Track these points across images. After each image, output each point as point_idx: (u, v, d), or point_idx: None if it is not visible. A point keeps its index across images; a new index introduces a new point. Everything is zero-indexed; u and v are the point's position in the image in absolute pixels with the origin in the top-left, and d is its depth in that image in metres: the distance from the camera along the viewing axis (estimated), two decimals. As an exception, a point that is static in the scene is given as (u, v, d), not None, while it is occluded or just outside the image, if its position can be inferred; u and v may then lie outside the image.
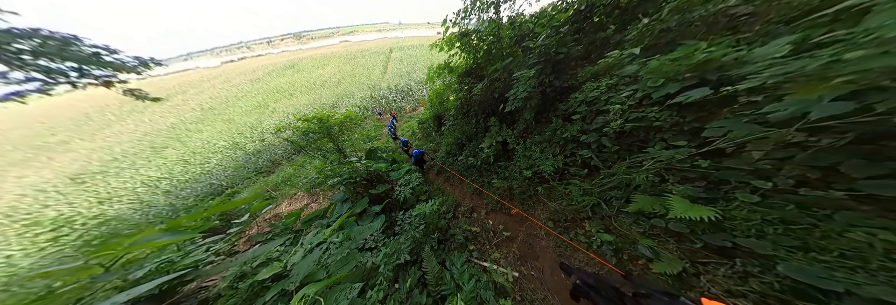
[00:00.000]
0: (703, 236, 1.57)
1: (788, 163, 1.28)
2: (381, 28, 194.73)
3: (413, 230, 3.08)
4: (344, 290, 1.77)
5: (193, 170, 12.98)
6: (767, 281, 1.30)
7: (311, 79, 29.94)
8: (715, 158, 1.58)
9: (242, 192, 9.53)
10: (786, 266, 1.24)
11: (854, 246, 1.10)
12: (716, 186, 1.58)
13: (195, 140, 17.85)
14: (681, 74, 1.59)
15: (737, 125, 1.34)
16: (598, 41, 2.74)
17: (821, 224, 1.20)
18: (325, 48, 64.84)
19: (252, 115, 21.11)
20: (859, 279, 1.06)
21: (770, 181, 1.32)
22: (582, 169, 2.47)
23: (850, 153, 1.11)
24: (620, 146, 2.16)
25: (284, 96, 25.38)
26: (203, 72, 55.28)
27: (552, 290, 2.23)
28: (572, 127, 2.51)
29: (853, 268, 1.09)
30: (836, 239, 1.15)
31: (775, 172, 1.33)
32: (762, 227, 1.36)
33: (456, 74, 4.50)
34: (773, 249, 1.31)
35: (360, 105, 16.91)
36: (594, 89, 2.28)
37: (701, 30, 1.88)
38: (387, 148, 7.40)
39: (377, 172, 4.66)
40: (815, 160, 1.20)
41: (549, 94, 2.85)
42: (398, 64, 29.78)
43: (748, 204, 1.41)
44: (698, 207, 1.57)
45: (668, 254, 1.77)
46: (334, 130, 5.84)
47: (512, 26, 3.37)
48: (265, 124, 17.94)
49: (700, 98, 1.47)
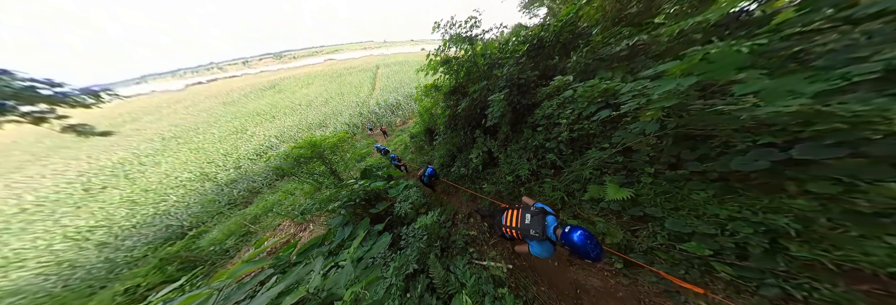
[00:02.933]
0: (628, 210, 2.40)
1: (663, 155, 2.15)
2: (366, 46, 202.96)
3: (417, 241, 3.45)
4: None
5: (144, 212, 11.49)
6: (662, 234, 2.11)
7: (295, 99, 30.21)
8: (626, 154, 2.45)
9: (212, 231, 8.49)
10: (669, 223, 2.07)
11: (694, 203, 1.95)
12: (630, 173, 2.44)
13: (151, 174, 16.52)
14: (595, 99, 2.50)
15: (625, 134, 2.22)
16: (549, 67, 3.73)
17: (680, 191, 2.05)
18: (308, 67, 65.90)
19: (227, 142, 20.53)
20: (697, 223, 1.89)
21: (652, 167, 2.19)
22: (550, 169, 3.32)
23: (680, 147, 1.99)
24: (573, 149, 3.04)
25: (265, 119, 24.95)
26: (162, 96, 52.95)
27: (541, 275, 2.95)
28: (538, 136, 3.40)
29: (697, 216, 1.92)
30: (687, 200, 1.99)
31: (656, 161, 2.20)
32: (655, 199, 2.20)
33: (443, 93, 5.46)
34: (662, 212, 2.14)
35: (349, 122, 17.73)
36: (549, 107, 3.19)
37: (609, 63, 2.85)
38: (380, 164, 8.04)
39: (375, 191, 4.93)
40: (671, 152, 2.07)
41: (519, 110, 3.78)
42: (386, 80, 31.21)
43: (647, 184, 2.26)
44: (622, 190, 2.41)
45: (614, 228, 2.58)
46: (327, 153, 5.93)
47: (483, 55, 4.37)
48: (242, 150, 17.48)
49: (606, 116, 2.36)
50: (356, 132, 16.77)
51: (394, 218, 4.36)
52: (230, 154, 17.36)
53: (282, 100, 30.83)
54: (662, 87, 1.71)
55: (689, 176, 2.00)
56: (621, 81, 2.26)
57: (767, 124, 1.54)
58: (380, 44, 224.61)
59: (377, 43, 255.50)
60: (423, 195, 5.60)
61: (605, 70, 2.81)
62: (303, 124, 20.43)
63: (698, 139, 1.93)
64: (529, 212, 1.55)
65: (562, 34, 3.60)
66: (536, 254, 1.45)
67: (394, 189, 5.32)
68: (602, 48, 2.87)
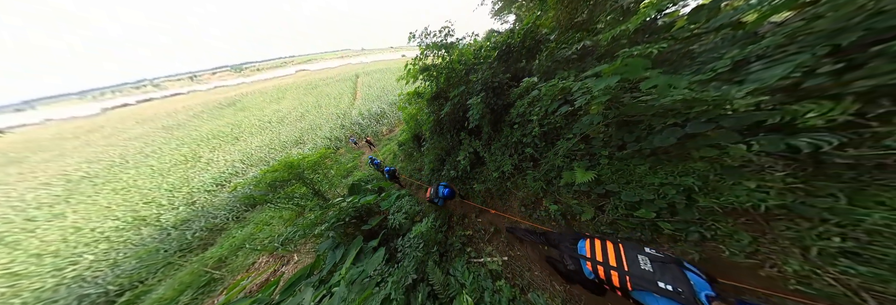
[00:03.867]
0: (595, 190, 3.05)
1: (612, 139, 2.84)
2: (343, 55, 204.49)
3: (414, 251, 3.63)
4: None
5: (37, 287, 9.26)
6: (621, 206, 2.77)
7: (264, 116, 29.51)
8: (586, 142, 3.14)
9: (157, 289, 7.58)
10: (624, 195, 2.73)
11: (638, 176, 2.62)
12: (592, 158, 3.12)
13: (48, 231, 13.43)
14: (556, 96, 3.21)
15: (581, 125, 2.92)
16: (519, 70, 4.48)
17: (628, 168, 2.73)
18: (277, 79, 65.29)
19: (172, 174, 18.42)
20: (642, 192, 2.55)
21: (606, 150, 2.87)
22: (530, 162, 3.99)
23: (622, 132, 2.69)
24: (546, 142, 3.72)
25: (226, 141, 23.19)
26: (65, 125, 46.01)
27: (534, 262, 3.50)
28: (516, 133, 4.08)
29: (641, 187, 2.59)
30: (633, 175, 2.67)
31: (608, 145, 2.89)
32: (612, 176, 2.87)
33: (425, 99, 6.13)
34: (618, 187, 2.80)
35: (330, 136, 17.98)
36: (521, 105, 3.89)
37: (566, 64, 3.60)
38: (369, 178, 8.41)
39: (367, 206, 5.01)
40: (617, 136, 2.77)
41: (497, 110, 4.47)
42: (367, 88, 31.89)
43: (605, 165, 2.93)
44: (588, 173, 3.08)
45: (586, 206, 3.22)
46: (308, 173, 5.78)
47: (460, 61, 5.10)
48: (196, 182, 15.77)
49: (566, 112, 3.06)
50: (339, 146, 17.15)
51: (389, 231, 4.49)
52: (178, 188, 15.53)
53: (247, 119, 29.52)
54: (599, 85, 2.41)
55: (631, 155, 2.70)
56: (574, 81, 2.97)
57: (670, 109, 2.25)
58: (358, 52, 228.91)
59: (354, 51, 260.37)
60: (418, 202, 6.12)
61: (563, 71, 3.55)
62: (275, 143, 19.79)
63: (633, 124, 2.63)
64: (645, 255, 1.24)
65: (526, 40, 4.39)
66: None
67: (386, 201, 5.51)
68: (559, 52, 3.63)
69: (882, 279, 1.43)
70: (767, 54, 1.84)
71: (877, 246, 1.49)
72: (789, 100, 1.75)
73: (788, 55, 1.70)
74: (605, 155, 2.88)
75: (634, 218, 2.65)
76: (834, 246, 1.58)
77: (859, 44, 1.46)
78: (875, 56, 1.41)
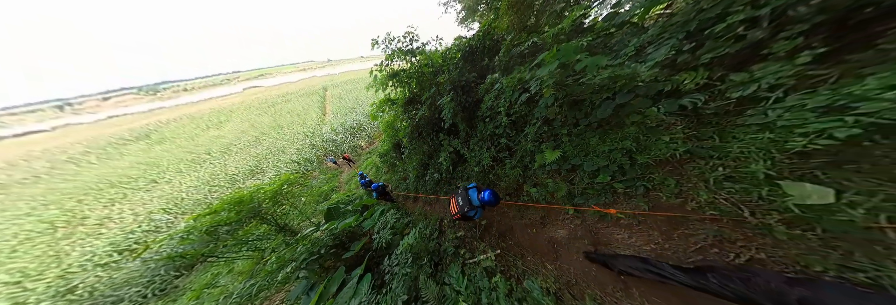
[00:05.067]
0: (563, 166, 3.84)
1: (567, 119, 3.69)
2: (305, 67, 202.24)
3: (403, 268, 3.77)
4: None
5: None
6: (585, 176, 3.56)
7: (195, 146, 26.76)
8: (548, 124, 3.98)
9: None
10: (585, 166, 3.53)
11: (592, 147, 3.45)
12: (556, 138, 3.95)
13: None
14: (516, 87, 4.06)
15: (541, 109, 3.75)
16: (483, 68, 5.39)
17: (584, 141, 3.56)
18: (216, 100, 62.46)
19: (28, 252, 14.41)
20: (598, 160, 3.37)
21: (565, 129, 3.71)
22: (506, 152, 4.77)
23: (574, 111, 3.55)
24: (516, 130, 4.54)
25: (134, 188, 19.66)
26: None
27: (525, 247, 4.15)
28: (489, 126, 4.88)
29: (596, 156, 3.41)
30: (589, 146, 3.50)
31: (565, 124, 3.73)
32: (574, 151, 3.68)
33: (399, 105, 6.88)
34: (581, 160, 3.61)
35: (298, 159, 17.83)
36: (489, 100, 4.73)
37: (521, 59, 4.52)
38: (350, 197, 8.65)
39: (347, 230, 4.94)
40: (570, 115, 3.62)
41: (468, 108, 5.29)
42: (339, 101, 32.26)
43: (566, 142, 3.75)
44: (555, 152, 3.88)
45: (560, 183, 4.00)
46: (267, 207, 5.35)
47: (428, 65, 5.95)
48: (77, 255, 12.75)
49: (526, 99, 3.90)
50: (312, 168, 17.18)
51: (375, 253, 4.51)
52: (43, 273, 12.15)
53: (170, 153, 26.14)
54: (544, 71, 3.26)
55: (584, 130, 3.54)
56: (528, 72, 3.84)
57: (603, 86, 3.12)
58: (323, 63, 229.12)
59: (320, 62, 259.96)
60: (407, 213, 6.55)
61: (519, 65, 4.46)
62: (220, 178, 17.84)
63: (579, 103, 3.49)
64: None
65: (485, 40, 5.34)
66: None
67: (369, 219, 5.60)
68: (514, 49, 4.57)
69: (747, 191, 2.25)
70: (654, 41, 2.77)
71: (741, 169, 2.32)
72: (673, 73, 2.65)
73: (665, 41, 2.63)
74: (565, 133, 3.72)
75: (597, 184, 3.43)
76: (719, 174, 2.41)
77: (699, 29, 2.39)
78: (707, 38, 2.33)
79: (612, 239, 3.28)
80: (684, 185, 2.70)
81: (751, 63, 2.18)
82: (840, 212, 1.86)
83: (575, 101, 3.52)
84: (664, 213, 2.63)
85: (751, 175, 2.22)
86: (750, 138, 2.22)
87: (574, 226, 3.76)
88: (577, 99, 3.45)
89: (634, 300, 2.51)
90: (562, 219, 3.98)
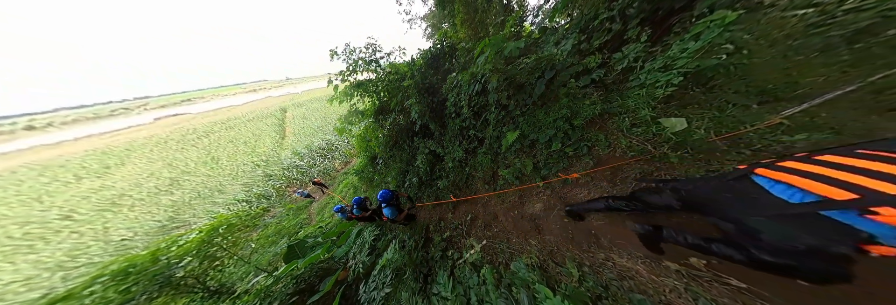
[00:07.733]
0: (525, 144, 5.07)
1: (517, 100, 5.00)
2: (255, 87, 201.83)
3: (382, 290, 3.91)
4: None
5: None
6: (542, 148, 4.79)
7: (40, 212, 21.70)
8: (503, 109, 5.29)
9: None
10: (541, 139, 4.78)
11: (541, 121, 4.74)
12: (513, 120, 5.23)
13: None
14: (470, 81, 5.41)
15: (493, 95, 5.08)
16: (446, 70, 6.82)
17: (534, 117, 4.85)
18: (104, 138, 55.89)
19: None
20: (549, 131, 4.63)
21: (518, 109, 5.02)
22: (476, 142, 6.01)
23: (519, 92, 4.88)
24: (480, 120, 5.82)
25: None
26: None
27: (511, 230, 5.21)
28: (457, 120, 6.15)
29: (545, 128, 4.68)
30: (539, 121, 4.78)
31: (517, 105, 5.05)
32: (529, 128, 4.95)
33: (368, 116, 8.12)
34: (536, 135, 4.87)
35: (247, 197, 16.31)
36: (452, 97, 6.05)
37: (473, 60, 5.96)
38: (322, 228, 8.96)
39: (315, 266, 4.93)
40: (517, 97, 4.94)
41: (436, 107, 6.59)
42: (302, 121, 33.02)
43: (522, 122, 5.03)
44: (514, 133, 5.13)
45: (526, 160, 5.20)
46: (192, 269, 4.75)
47: (394, 73, 7.33)
48: None
49: (480, 89, 5.23)
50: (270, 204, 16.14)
51: (354, 284, 4.50)
52: None
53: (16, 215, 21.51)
54: (483, 58, 4.61)
55: (531, 108, 4.84)
56: (478, 67, 5.23)
57: (534, 67, 4.46)
58: (280, 82, 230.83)
59: (274, 82, 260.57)
60: (389, 227, 7.36)
61: (471, 64, 5.87)
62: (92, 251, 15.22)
63: (522, 86, 4.83)
64: None
65: (444, 47, 6.83)
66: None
67: (344, 245, 5.73)
68: (469, 53, 6.02)
69: (646, 132, 3.52)
70: (566, 36, 4.20)
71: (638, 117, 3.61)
72: (582, 58, 4.04)
73: (570, 34, 4.04)
74: (519, 114, 5.00)
75: (553, 153, 4.65)
76: (627, 123, 3.69)
77: (586, 26, 3.81)
78: (593, 31, 3.74)
79: (577, 198, 4.43)
80: (610, 137, 3.95)
81: (622, 45, 3.58)
82: (693, 133, 3.13)
83: (519, 86, 4.85)
84: (606, 166, 3.84)
85: (643, 119, 3.50)
86: (635, 94, 3.55)
87: (546, 197, 4.90)
88: (520, 83, 4.79)
89: (604, 247, 3.35)
90: (537, 194, 5.11)
